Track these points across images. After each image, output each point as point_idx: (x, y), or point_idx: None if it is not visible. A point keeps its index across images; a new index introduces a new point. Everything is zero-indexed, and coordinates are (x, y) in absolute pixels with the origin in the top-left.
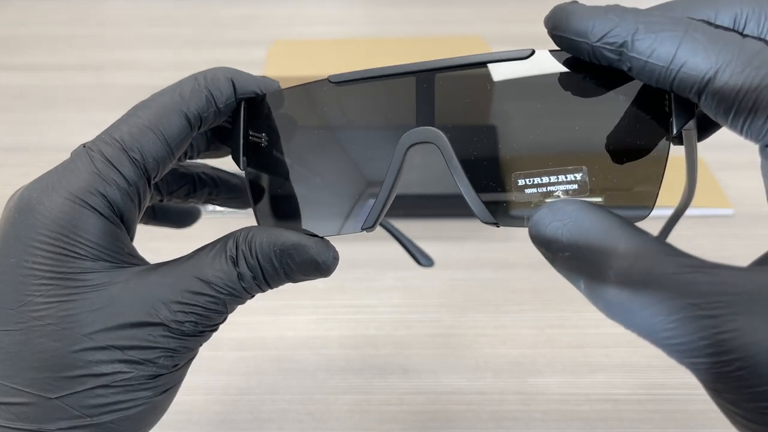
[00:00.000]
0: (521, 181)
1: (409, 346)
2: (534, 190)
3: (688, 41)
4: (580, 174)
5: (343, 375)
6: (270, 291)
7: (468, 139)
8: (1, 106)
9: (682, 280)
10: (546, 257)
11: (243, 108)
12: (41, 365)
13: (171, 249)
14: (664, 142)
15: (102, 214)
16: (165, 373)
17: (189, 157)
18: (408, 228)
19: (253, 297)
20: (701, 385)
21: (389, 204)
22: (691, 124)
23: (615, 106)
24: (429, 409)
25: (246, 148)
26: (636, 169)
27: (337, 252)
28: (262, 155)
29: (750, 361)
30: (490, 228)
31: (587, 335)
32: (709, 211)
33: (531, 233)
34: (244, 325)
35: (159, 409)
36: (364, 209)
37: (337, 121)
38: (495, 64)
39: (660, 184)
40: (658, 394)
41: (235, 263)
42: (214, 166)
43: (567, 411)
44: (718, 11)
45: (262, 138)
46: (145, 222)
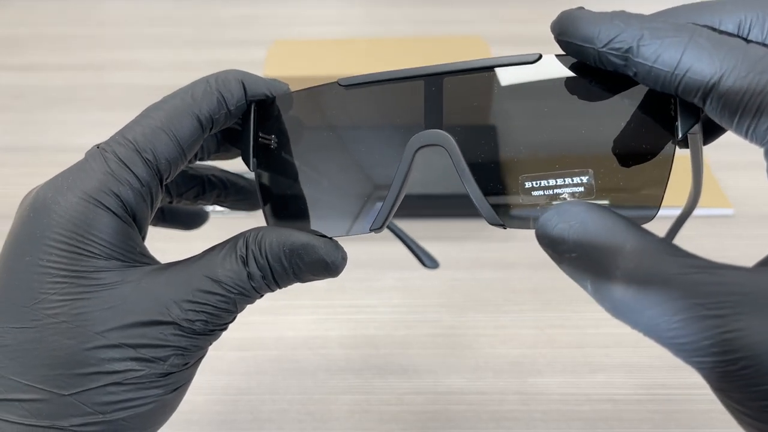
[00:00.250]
0: (528, 184)
1: (409, 346)
2: (540, 192)
3: (692, 47)
4: (587, 177)
5: (343, 375)
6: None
7: (475, 142)
8: (1, 106)
9: (687, 280)
10: (553, 258)
11: (253, 110)
12: (54, 362)
13: (175, 250)
14: (669, 145)
15: (115, 214)
16: (175, 371)
17: (199, 159)
18: (408, 228)
19: (262, 296)
20: (703, 385)
21: (397, 205)
22: (696, 128)
23: (621, 110)
24: (429, 409)
25: (256, 150)
26: (641, 172)
27: (345, 252)
28: (272, 157)
29: (755, 360)
30: (490, 228)
31: (587, 335)
32: (709, 211)
33: (538, 234)
34: (244, 325)
35: (169, 407)
36: (372, 210)
37: (347, 123)
38: (502, 68)
39: (665, 188)
40: (659, 394)
41: (245, 263)
42: (223, 168)
43: (567, 411)
44: (723, 18)
45: (271, 140)
46: (154, 224)
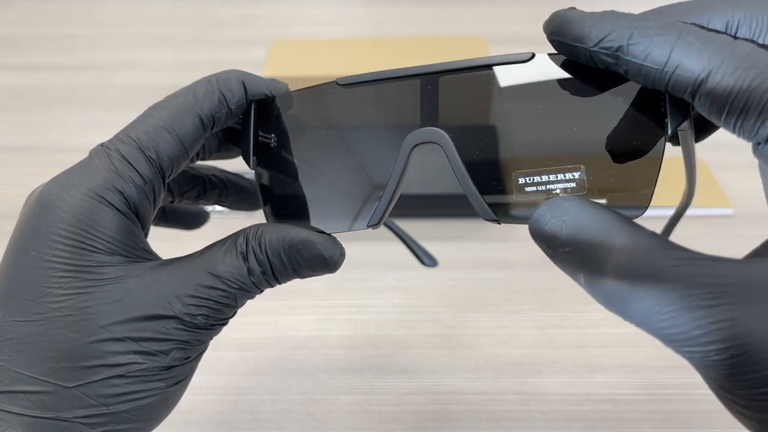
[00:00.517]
0: (521, 180)
1: (409, 346)
2: (534, 188)
3: (681, 44)
4: (579, 173)
5: (343, 375)
6: (270, 291)
7: (470, 139)
8: (1, 106)
9: (677, 272)
10: (546, 253)
11: (253, 109)
12: (59, 355)
13: (178, 249)
14: (660, 142)
15: (119, 210)
16: (177, 365)
17: (201, 158)
18: (409, 228)
19: (262, 292)
20: (703, 385)
21: (394, 202)
22: (686, 125)
23: (612, 108)
24: (429, 409)
25: (256, 149)
26: (632, 168)
27: (343, 248)
28: (272, 155)
29: (743, 349)
30: (491, 228)
31: (587, 335)
32: (709, 211)
33: (531, 230)
34: (244, 325)
35: (171, 400)
36: (370, 208)
37: (345, 122)
38: (497, 67)
39: (655, 183)
40: (658, 394)
41: (246, 259)
42: (223, 168)
43: (567, 411)
44: (711, 17)
45: (271, 138)
46: (155, 223)
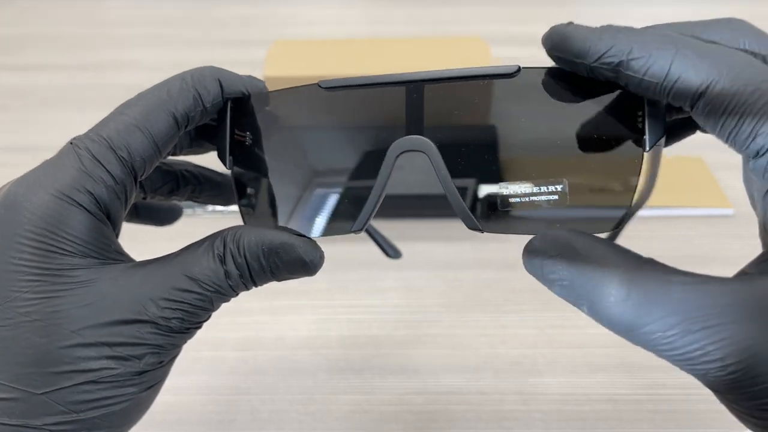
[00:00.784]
0: (505, 191)
1: (409, 346)
2: (517, 199)
3: (679, 58)
4: (561, 185)
5: (343, 375)
6: (270, 291)
7: (455, 149)
8: (1, 106)
9: (674, 299)
10: (544, 285)
11: (229, 108)
12: (28, 360)
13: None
14: (638, 157)
15: (89, 211)
16: (150, 369)
17: (171, 154)
18: (409, 228)
19: (237, 295)
20: (701, 385)
21: (378, 206)
22: (661, 141)
23: (595, 122)
24: (429, 409)
25: (232, 148)
26: (611, 181)
27: (323, 251)
28: (249, 155)
29: (742, 365)
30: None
31: (587, 335)
32: (709, 211)
33: (525, 264)
34: (244, 325)
35: (143, 405)
36: (353, 212)
37: (327, 125)
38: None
39: (633, 196)
40: (658, 394)
41: (223, 261)
42: (196, 163)
43: (567, 411)
44: (707, 29)
45: (248, 138)
46: (127, 220)
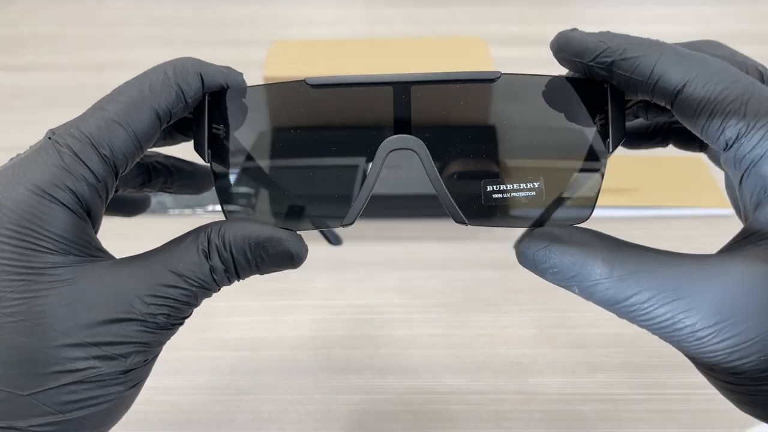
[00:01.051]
0: (489, 187)
1: (409, 346)
2: (500, 195)
3: (663, 60)
4: (538, 183)
5: (343, 375)
6: (270, 291)
7: (443, 148)
8: (1, 106)
9: (651, 274)
10: (537, 275)
11: (207, 101)
12: (13, 361)
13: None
14: (603, 157)
15: (70, 209)
16: (136, 368)
17: None
18: (409, 228)
19: (219, 290)
20: (702, 386)
21: (366, 203)
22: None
23: (566, 127)
24: (429, 409)
25: (210, 141)
26: (580, 178)
27: (306, 245)
28: (229, 149)
29: (711, 330)
30: (491, 228)
31: (587, 335)
32: (709, 211)
33: (520, 260)
34: (245, 325)
35: (126, 404)
36: (340, 208)
37: (314, 121)
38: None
39: (599, 190)
40: (658, 394)
41: (208, 257)
42: (166, 154)
43: (567, 411)
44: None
45: (228, 131)
46: None
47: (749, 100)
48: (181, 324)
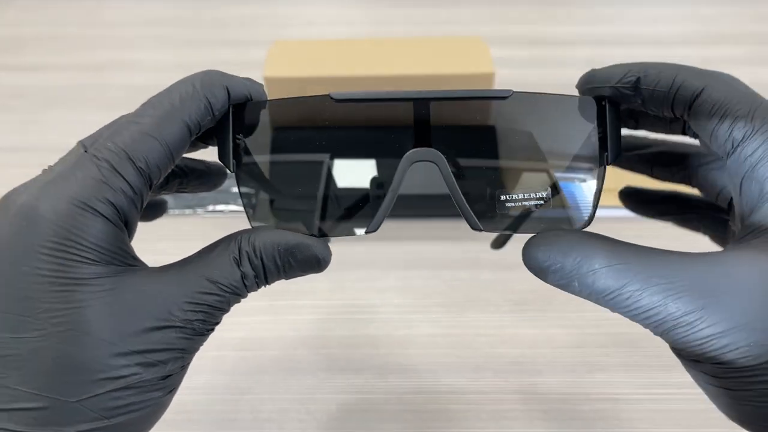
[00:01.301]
0: (502, 197)
1: (409, 346)
2: (512, 204)
3: (682, 72)
4: (545, 192)
5: (343, 375)
6: (271, 291)
7: (461, 160)
8: (1, 106)
9: (646, 264)
10: (540, 277)
11: (231, 112)
12: (60, 369)
13: (175, 249)
14: (601, 170)
15: (110, 221)
16: (174, 373)
17: None
18: (409, 228)
19: (248, 295)
20: (698, 384)
21: (390, 209)
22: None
23: (571, 143)
24: (429, 409)
25: (235, 151)
26: (583, 187)
27: (331, 250)
28: (253, 159)
29: (694, 317)
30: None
31: (587, 335)
32: None
33: (525, 259)
34: (245, 325)
35: (163, 408)
36: (364, 216)
37: (339, 134)
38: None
39: (598, 199)
40: (658, 394)
41: (239, 264)
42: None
43: (567, 411)
44: None
45: (250, 142)
46: None
47: (758, 107)
48: (213, 330)
